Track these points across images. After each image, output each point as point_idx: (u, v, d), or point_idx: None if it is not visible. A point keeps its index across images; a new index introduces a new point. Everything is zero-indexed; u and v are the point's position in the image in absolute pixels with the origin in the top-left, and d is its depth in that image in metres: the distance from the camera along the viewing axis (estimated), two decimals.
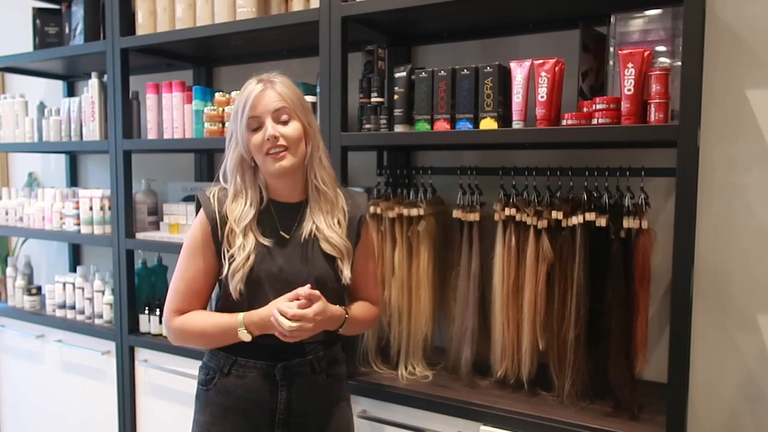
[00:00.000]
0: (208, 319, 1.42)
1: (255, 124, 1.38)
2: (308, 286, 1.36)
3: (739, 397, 1.70)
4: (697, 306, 1.72)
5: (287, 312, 1.31)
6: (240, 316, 1.37)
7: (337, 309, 1.42)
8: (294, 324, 1.30)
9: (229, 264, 1.38)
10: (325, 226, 1.43)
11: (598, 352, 1.59)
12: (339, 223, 1.46)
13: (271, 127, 1.36)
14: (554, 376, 1.63)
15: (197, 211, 1.47)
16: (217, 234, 1.41)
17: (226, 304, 1.43)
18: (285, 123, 1.38)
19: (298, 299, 1.34)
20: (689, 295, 1.38)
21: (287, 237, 1.44)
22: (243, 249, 1.39)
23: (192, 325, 1.42)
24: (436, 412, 1.65)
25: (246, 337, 1.36)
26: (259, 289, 1.40)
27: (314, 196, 1.45)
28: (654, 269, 1.56)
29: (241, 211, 1.41)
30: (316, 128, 1.45)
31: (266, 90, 1.38)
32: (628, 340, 1.54)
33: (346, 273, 1.44)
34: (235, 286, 1.37)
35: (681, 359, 1.37)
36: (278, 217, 1.45)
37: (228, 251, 1.39)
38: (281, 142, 1.36)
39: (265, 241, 1.41)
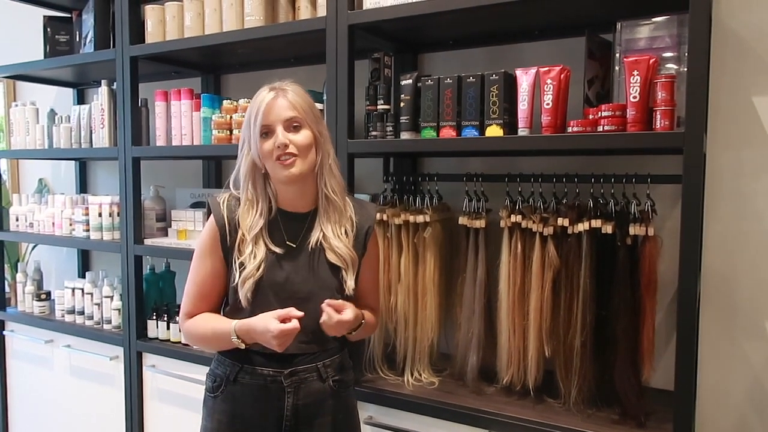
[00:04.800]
0: (208, 325, 1.44)
1: (266, 131, 1.39)
2: (301, 314, 1.35)
3: (747, 404, 1.69)
4: (704, 313, 1.71)
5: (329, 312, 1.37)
6: (232, 325, 1.38)
7: (357, 312, 1.43)
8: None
9: (240, 272, 1.40)
10: (332, 235, 1.44)
11: (605, 359, 1.58)
12: (346, 232, 1.47)
13: (281, 135, 1.37)
14: (561, 382, 1.63)
15: (207, 217, 1.50)
16: (225, 240, 1.43)
17: (233, 309, 1.45)
18: (296, 131, 1.40)
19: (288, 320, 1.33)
20: (696, 302, 1.38)
21: (294, 246, 1.45)
22: (254, 258, 1.40)
23: (196, 330, 1.45)
24: (442, 419, 1.65)
25: (240, 344, 1.38)
26: (264, 297, 1.41)
27: (323, 204, 1.46)
28: (660, 276, 1.55)
29: (252, 219, 1.42)
30: (326, 137, 1.46)
31: (278, 98, 1.39)
32: (635, 347, 1.54)
33: (350, 284, 1.44)
34: (245, 294, 1.39)
35: (688, 366, 1.36)
36: (285, 227, 1.46)
37: (238, 259, 1.41)
38: (291, 149, 1.38)
39: (275, 250, 1.42)
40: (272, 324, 1.32)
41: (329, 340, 1.46)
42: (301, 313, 1.34)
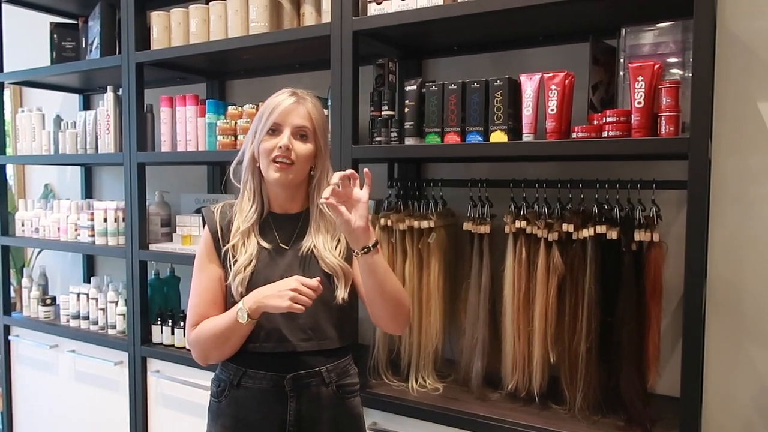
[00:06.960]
0: (216, 319, 1.42)
1: (274, 129, 1.42)
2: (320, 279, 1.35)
3: (754, 410, 1.68)
4: (710, 319, 1.70)
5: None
6: (242, 300, 1.38)
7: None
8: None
9: (233, 264, 1.43)
10: (323, 247, 1.45)
11: (610, 366, 1.58)
12: (339, 241, 1.48)
13: (286, 138, 1.40)
14: (566, 389, 1.62)
15: (204, 228, 1.53)
16: (218, 243, 1.47)
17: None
18: (302, 140, 1.42)
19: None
20: (701, 308, 1.37)
21: (286, 248, 1.47)
22: (245, 251, 1.43)
23: (205, 329, 1.42)
24: (446, 425, 1.65)
25: (242, 316, 1.34)
26: None
27: (317, 215, 1.48)
28: (666, 282, 1.55)
29: (249, 210, 1.46)
30: (327, 152, 1.49)
31: (298, 105, 1.42)
32: (640, 354, 1.53)
33: (338, 293, 1.43)
34: (236, 287, 1.41)
35: (694, 373, 1.36)
36: (276, 229, 1.48)
37: (232, 254, 1.44)
38: (291, 156, 1.40)
39: (266, 247, 1.45)
40: (292, 279, 1.33)
41: (328, 338, 1.45)
42: (319, 278, 1.34)
